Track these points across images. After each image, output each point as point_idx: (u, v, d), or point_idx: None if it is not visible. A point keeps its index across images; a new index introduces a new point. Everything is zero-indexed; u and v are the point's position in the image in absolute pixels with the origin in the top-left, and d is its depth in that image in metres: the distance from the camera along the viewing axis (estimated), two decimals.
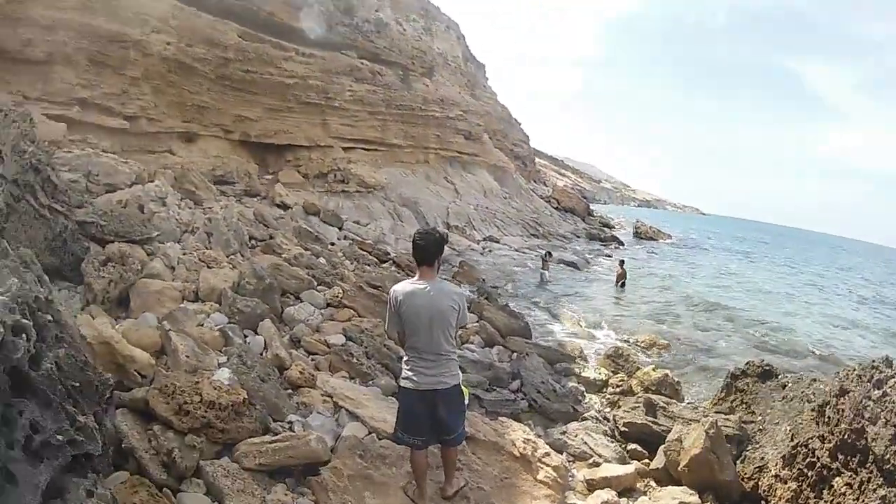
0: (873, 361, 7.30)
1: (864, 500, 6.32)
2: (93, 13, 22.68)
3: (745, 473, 8.43)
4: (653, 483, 8.82)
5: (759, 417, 9.93)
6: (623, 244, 51.68)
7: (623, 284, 29.07)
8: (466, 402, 6.85)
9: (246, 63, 29.12)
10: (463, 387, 6.66)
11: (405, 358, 6.54)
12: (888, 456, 6.12)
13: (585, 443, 9.64)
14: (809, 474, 7.22)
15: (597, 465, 9.12)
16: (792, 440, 7.85)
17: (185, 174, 21.14)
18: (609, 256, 40.62)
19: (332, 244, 22.82)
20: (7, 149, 9.33)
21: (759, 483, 8.10)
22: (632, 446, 10.02)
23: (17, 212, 9.21)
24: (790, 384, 10.22)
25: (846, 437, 6.75)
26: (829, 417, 7.23)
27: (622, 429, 10.47)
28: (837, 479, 6.81)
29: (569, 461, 9.17)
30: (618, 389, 13.13)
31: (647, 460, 9.58)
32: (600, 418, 11.26)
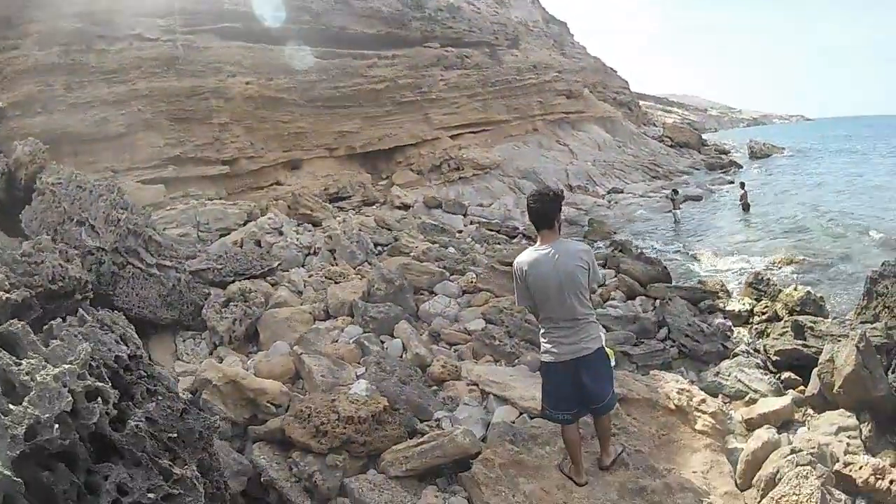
0: None
1: None
2: (162, 77, 23.19)
3: None
4: (810, 411, 8.35)
5: None
6: (741, 167, 51.21)
7: (747, 206, 28.55)
8: (613, 363, 6.32)
9: (331, 80, 29.13)
10: (607, 349, 6.15)
11: (542, 331, 6.05)
12: None
13: (740, 380, 9.28)
14: None
15: (753, 401, 8.75)
16: None
17: (298, 199, 21.04)
18: (731, 182, 39.88)
19: (460, 232, 22.82)
20: (99, 222, 9.63)
21: None
22: (785, 375, 9.61)
23: (123, 277, 9.48)
24: None
25: None
26: None
27: (774, 358, 10.05)
28: None
29: (725, 402, 8.83)
30: (764, 317, 12.61)
31: (802, 387, 9.10)
32: (751, 351, 10.81)
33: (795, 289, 13.18)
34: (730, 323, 12.62)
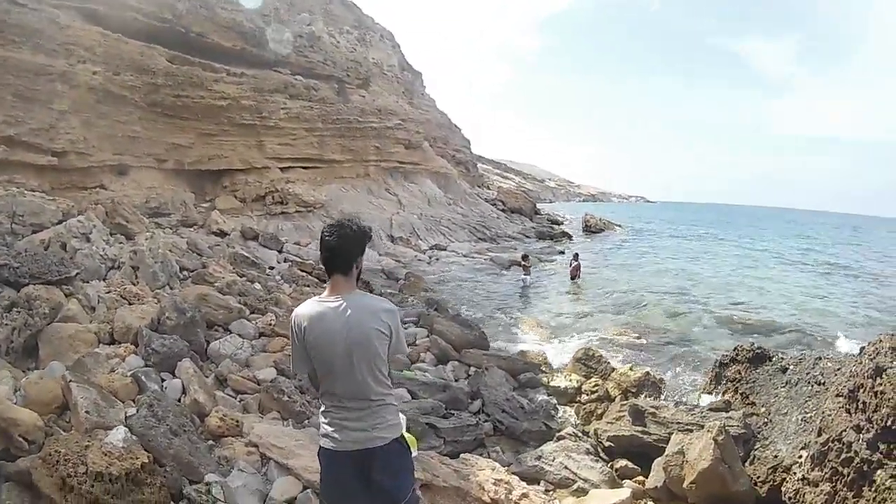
0: None
1: None
2: (16, 46, 21.40)
3: (758, 476, 7.39)
4: None
5: (763, 409, 9.01)
6: (572, 238, 51.53)
7: (579, 278, 28.04)
8: (414, 453, 4.81)
9: (176, 88, 27.79)
10: (407, 435, 4.69)
11: (322, 408, 4.58)
12: None
13: (566, 466, 8.22)
14: (846, 472, 6.10)
15: (582, 491, 7.79)
16: (820, 435, 6.67)
17: (116, 208, 19.49)
18: (561, 252, 39.67)
19: (272, 268, 21.81)
20: None
21: (783, 487, 7.01)
22: (620, 463, 8.65)
23: None
24: (791, 367, 9.35)
25: (890, 422, 5.73)
26: (863, 403, 6.12)
27: (606, 444, 9.17)
28: (880, 472, 5.75)
29: (548, 491, 7.79)
30: (593, 396, 11.80)
31: (640, 478, 8.29)
32: (579, 434, 9.73)
33: (631, 368, 12.40)
34: (554, 400, 11.68)
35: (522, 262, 28.05)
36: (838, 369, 8.06)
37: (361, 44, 48.65)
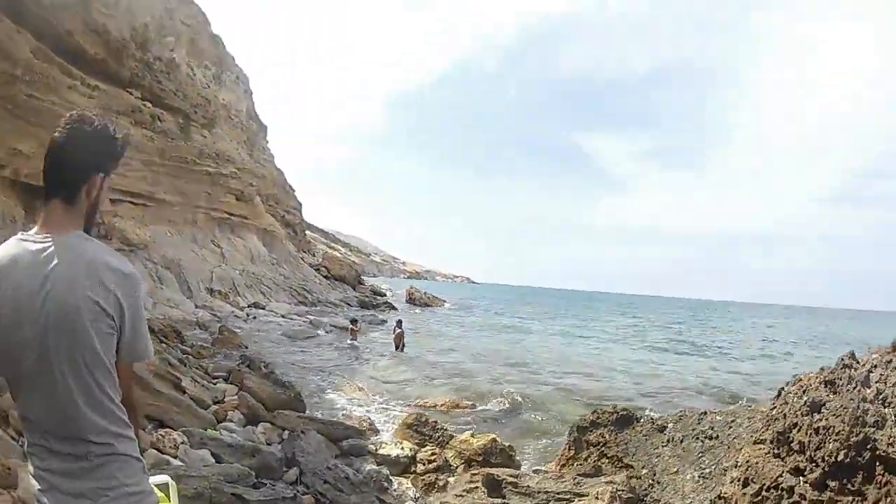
0: (842, 358, 6.28)
1: None
2: None
3: None
4: None
5: (644, 470, 8.82)
6: (396, 309, 52.28)
7: (402, 346, 27.40)
8: None
9: (31, 85, 25.53)
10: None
11: (25, 445, 2.52)
12: None
13: None
14: None
15: None
16: (747, 486, 6.36)
17: None
18: (384, 322, 39.98)
19: None
20: None
21: None
22: None
23: None
24: (671, 424, 9.39)
25: (841, 456, 5.46)
26: (800, 443, 5.96)
27: None
28: None
29: None
30: (431, 466, 10.80)
31: None
32: None
33: (473, 435, 11.65)
34: (386, 471, 10.44)
35: (351, 327, 28.31)
36: (732, 421, 8.41)
37: (216, 81, 48.13)
